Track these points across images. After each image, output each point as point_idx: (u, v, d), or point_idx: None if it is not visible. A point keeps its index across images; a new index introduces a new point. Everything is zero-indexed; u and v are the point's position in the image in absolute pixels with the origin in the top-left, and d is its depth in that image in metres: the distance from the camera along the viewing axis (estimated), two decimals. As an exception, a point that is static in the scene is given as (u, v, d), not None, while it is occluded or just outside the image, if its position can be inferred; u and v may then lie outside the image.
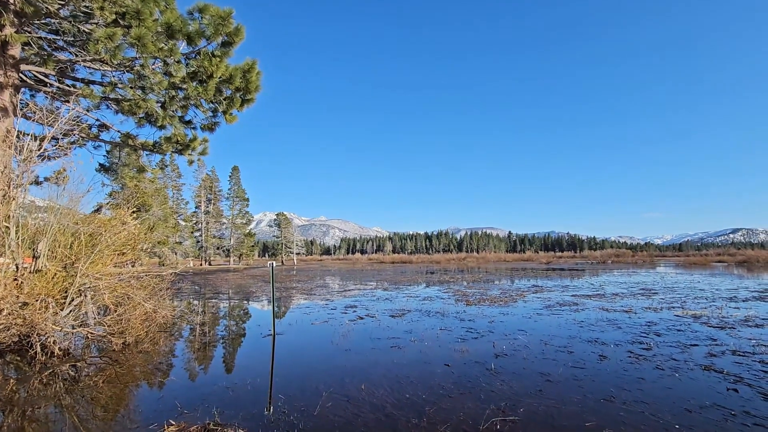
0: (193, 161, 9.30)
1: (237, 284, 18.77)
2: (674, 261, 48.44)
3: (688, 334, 6.12)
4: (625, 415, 3.16)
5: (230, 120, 8.49)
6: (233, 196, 54.65)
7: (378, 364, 4.75)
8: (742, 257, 38.85)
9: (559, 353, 5.12)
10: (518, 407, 3.34)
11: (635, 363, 4.63)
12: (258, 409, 3.40)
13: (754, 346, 5.31)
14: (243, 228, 54.75)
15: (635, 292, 12.33)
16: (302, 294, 13.47)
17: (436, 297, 11.72)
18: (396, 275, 24.38)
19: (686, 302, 9.80)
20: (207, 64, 7.09)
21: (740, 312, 8.15)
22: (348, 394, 3.71)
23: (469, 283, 17.28)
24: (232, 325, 7.95)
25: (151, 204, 28.87)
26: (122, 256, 6.99)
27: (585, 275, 22.16)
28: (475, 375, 4.26)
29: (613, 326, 6.84)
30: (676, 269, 28.44)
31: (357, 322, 7.63)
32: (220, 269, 39.92)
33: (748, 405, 3.35)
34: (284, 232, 65.84)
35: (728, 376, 4.12)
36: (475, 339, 6.01)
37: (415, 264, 51.53)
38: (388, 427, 3.01)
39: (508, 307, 9.27)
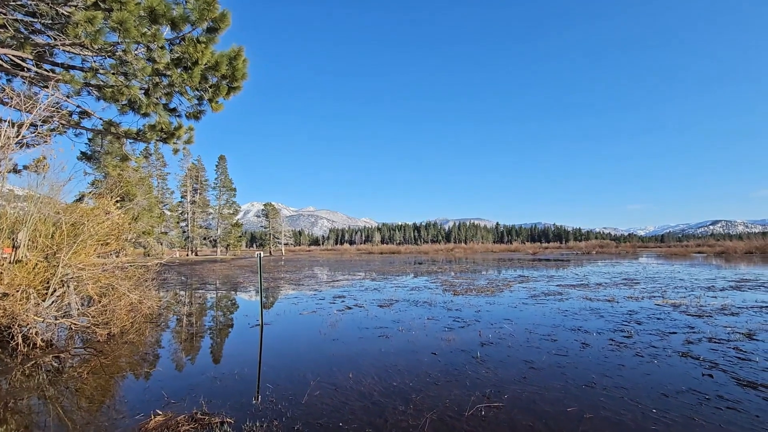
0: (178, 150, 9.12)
1: (224, 275, 18.64)
2: (656, 252, 49.61)
3: (668, 323, 6.31)
4: (605, 401, 3.26)
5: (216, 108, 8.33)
6: (220, 186, 53.92)
7: (366, 353, 4.79)
8: (720, 248, 39.97)
9: (543, 341, 5.23)
10: (503, 394, 3.42)
11: (616, 350, 4.76)
12: (246, 398, 3.42)
13: (729, 334, 5.50)
14: (230, 218, 54.16)
15: (618, 282, 12.62)
16: (290, 284, 13.45)
17: (424, 287, 11.82)
18: (384, 266, 24.48)
19: (666, 292, 10.08)
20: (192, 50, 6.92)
21: (717, 301, 8.41)
22: (336, 382, 3.75)
23: (457, 273, 17.45)
24: (219, 315, 7.92)
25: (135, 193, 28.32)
26: (106, 246, 6.87)
27: (570, 266, 22.56)
28: (461, 363, 4.33)
29: (596, 315, 7.00)
30: (657, 260, 29.15)
31: (345, 311, 7.67)
32: (207, 260, 39.53)
33: (722, 390, 3.48)
34: (272, 223, 65.34)
35: (704, 362, 4.27)
36: (462, 328, 6.10)
37: (404, 254, 51.77)
38: (376, 414, 3.05)
39: (495, 297, 9.41)
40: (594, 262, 26.92)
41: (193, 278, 16.97)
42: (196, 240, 50.77)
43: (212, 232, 52.94)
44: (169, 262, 32.64)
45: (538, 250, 60.21)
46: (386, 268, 22.22)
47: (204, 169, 53.21)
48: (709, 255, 35.66)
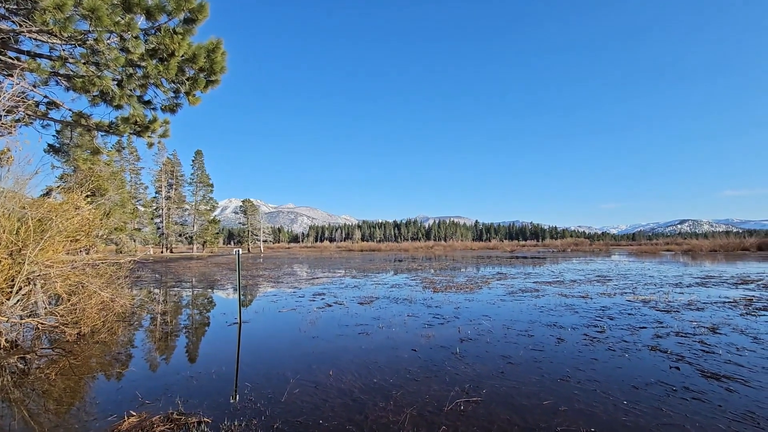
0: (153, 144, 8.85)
1: (200, 272, 18.24)
2: (627, 250, 51.34)
3: (638, 318, 6.54)
4: (579, 393, 3.36)
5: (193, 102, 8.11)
6: (196, 182, 52.64)
7: (346, 350, 4.79)
8: (687, 246, 41.72)
9: (520, 337, 5.34)
10: (481, 388, 3.48)
11: (589, 345, 4.91)
12: (223, 397, 3.36)
13: (694, 328, 5.75)
14: (207, 214, 52.98)
15: (591, 279, 13.00)
16: (269, 282, 13.28)
17: (404, 284, 11.89)
18: (364, 263, 24.47)
19: (637, 288, 10.45)
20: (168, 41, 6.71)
21: (684, 297, 8.78)
22: (316, 380, 3.73)
23: (437, 270, 17.61)
24: (195, 314, 7.75)
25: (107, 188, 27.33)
26: (75, 242, 6.61)
27: (546, 263, 23.10)
28: (440, 359, 4.38)
29: (571, 311, 7.20)
30: (629, 257, 30.17)
31: (325, 309, 7.63)
32: (183, 257, 38.59)
33: (688, 381, 3.64)
34: (250, 219, 64.29)
35: (671, 355, 4.46)
36: (442, 324, 6.17)
37: (384, 252, 51.87)
38: (356, 410, 3.05)
39: (474, 294, 9.54)
40: (569, 259, 27.65)
41: (168, 276, 16.54)
42: (171, 237, 49.48)
43: (188, 229, 51.68)
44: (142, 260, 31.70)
45: (516, 248, 61.39)
46: (366, 265, 22.22)
47: (180, 164, 51.86)
48: (677, 253, 37.14)
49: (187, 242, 53.66)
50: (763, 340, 5.03)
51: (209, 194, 53.62)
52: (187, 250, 55.39)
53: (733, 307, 7.37)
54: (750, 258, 25.50)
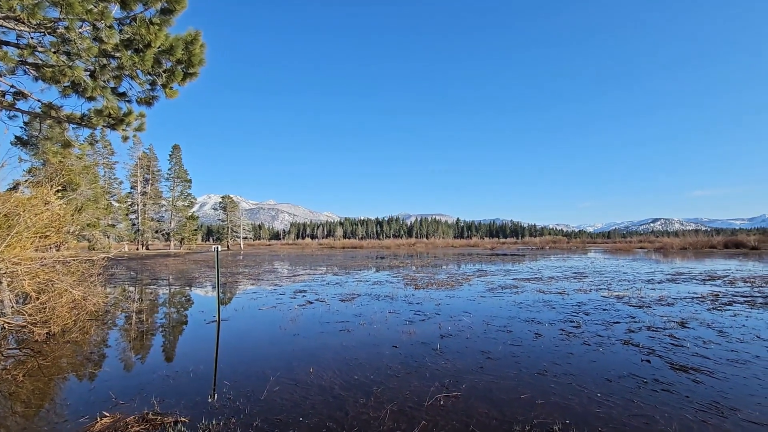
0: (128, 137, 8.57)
1: (178, 270, 17.84)
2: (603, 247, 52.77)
3: (612, 313, 6.75)
4: (555, 387, 3.44)
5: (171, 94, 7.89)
6: (174, 177, 51.33)
7: (327, 347, 4.77)
8: (659, 244, 43.27)
9: (499, 333, 5.44)
10: (461, 383, 3.53)
11: (566, 340, 5.04)
12: (201, 396, 3.30)
13: (665, 323, 5.97)
14: (185, 211, 51.75)
15: (568, 276, 13.32)
16: (249, 279, 13.09)
17: (386, 281, 11.92)
18: (346, 260, 24.41)
19: (611, 284, 10.77)
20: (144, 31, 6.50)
21: (655, 293, 9.10)
22: (296, 377, 3.71)
23: (418, 267, 17.72)
24: (172, 312, 7.58)
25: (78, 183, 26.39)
26: (45, 239, 6.37)
27: (525, 260, 23.54)
28: (421, 355, 4.42)
29: (548, 307, 7.36)
30: (604, 255, 31.02)
31: (306, 306, 7.58)
32: (159, 254, 37.66)
33: (658, 374, 3.78)
34: (230, 216, 63.13)
35: (643, 349, 4.62)
36: (423, 321, 6.21)
37: (366, 249, 51.84)
38: (336, 407, 3.05)
39: (454, 291, 9.65)
40: (547, 256, 28.24)
41: (143, 273, 16.12)
42: (147, 233, 48.15)
43: (165, 225, 50.39)
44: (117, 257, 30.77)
45: (496, 246, 62.31)
46: (348, 262, 22.17)
47: (156, 159, 50.45)
48: (649, 250, 38.42)
49: (164, 239, 52.36)
50: (728, 334, 5.26)
51: (187, 190, 52.39)
52: (164, 247, 54.04)
53: (701, 303, 7.68)
54: (717, 255, 26.60)
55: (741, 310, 6.91)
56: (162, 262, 23.74)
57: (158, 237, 51.19)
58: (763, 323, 5.87)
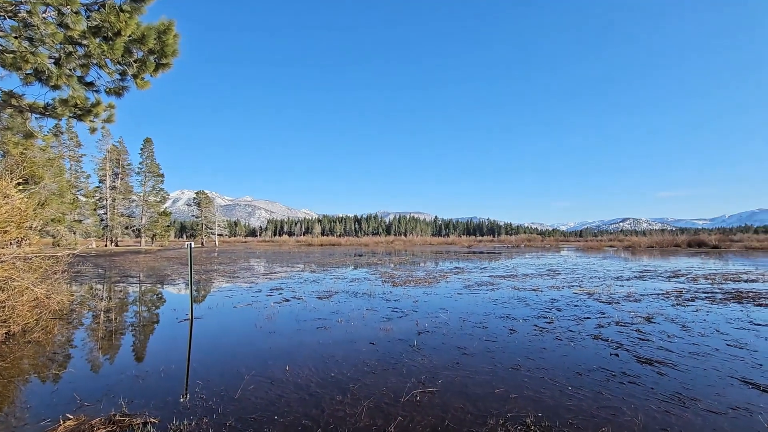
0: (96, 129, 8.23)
1: (149, 267, 17.29)
2: (575, 245, 54.35)
3: (583, 309, 6.96)
4: (528, 381, 3.52)
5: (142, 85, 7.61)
6: (145, 171, 49.65)
7: (303, 345, 4.73)
8: (628, 243, 44.95)
9: (475, 329, 5.52)
10: (437, 379, 3.56)
11: (539, 335, 5.17)
12: (173, 396, 3.21)
13: (632, 318, 6.20)
14: (157, 206, 50.18)
15: (542, 273, 13.66)
16: (224, 277, 12.83)
17: (364, 279, 11.91)
18: (324, 257, 24.25)
19: (583, 281, 11.10)
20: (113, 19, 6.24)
21: (624, 289, 9.44)
22: (272, 376, 3.66)
23: (396, 265, 17.79)
24: (143, 310, 7.34)
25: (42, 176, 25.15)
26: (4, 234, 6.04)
27: (501, 258, 23.98)
28: (398, 352, 4.43)
29: (523, 303, 7.52)
30: (576, 253, 31.97)
31: (283, 304, 7.49)
32: (129, 251, 36.42)
33: (625, 367, 3.92)
34: (205, 212, 61.61)
35: (612, 343, 4.78)
36: (400, 318, 6.24)
37: (344, 246, 51.65)
38: (312, 405, 3.03)
39: (432, 288, 9.74)
40: (522, 254, 28.87)
41: (112, 271, 15.54)
42: (116, 229, 46.42)
43: (136, 221, 48.73)
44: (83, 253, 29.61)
45: (473, 243, 63.23)
46: (326, 259, 22.03)
47: (127, 152, 48.67)
48: (619, 249, 39.84)
49: (135, 235, 50.67)
50: (690, 329, 5.51)
51: (159, 185, 50.81)
52: (135, 244, 52.33)
53: (666, 299, 8.02)
54: (681, 254, 27.84)
55: (702, 305, 7.25)
56: (132, 259, 22.97)
57: (128, 233, 49.46)
58: (722, 318, 6.18)
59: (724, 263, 18.30)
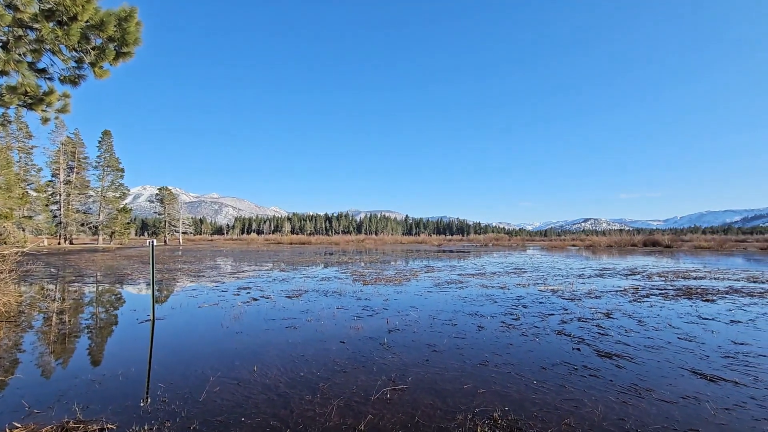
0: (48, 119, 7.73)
1: (107, 266, 16.46)
2: (540, 244, 56.19)
3: (548, 306, 7.21)
4: (495, 376, 3.61)
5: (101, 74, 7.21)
6: (104, 165, 47.16)
7: (272, 344, 4.63)
8: (589, 242, 47.00)
9: (444, 326, 5.60)
10: (407, 376, 3.58)
11: (506, 331, 5.30)
12: (132, 400, 3.07)
13: (593, 314, 6.48)
14: (116, 202, 47.78)
15: (509, 271, 14.04)
16: (189, 276, 12.39)
17: (334, 277, 11.82)
18: (294, 256, 23.90)
19: (547, 279, 11.50)
20: (69, 2, 5.88)
21: (585, 286, 9.85)
22: (238, 377, 3.56)
23: (367, 263, 17.78)
24: (100, 312, 6.97)
25: (-13, 168, 23.40)
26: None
27: (470, 256, 24.46)
28: (368, 350, 4.43)
29: (491, 301, 7.70)
30: (541, 252, 33.07)
31: (250, 303, 7.32)
32: (86, 249, 34.53)
33: (586, 360, 4.09)
34: (168, 209, 59.26)
35: (574, 338, 4.97)
36: (371, 316, 6.24)
37: (315, 245, 51.11)
38: (281, 405, 2.97)
39: (402, 286, 9.79)
40: (490, 253, 29.57)
41: (66, 270, 14.68)
42: (71, 226, 43.87)
43: (93, 218, 46.20)
44: (33, 251, 27.79)
45: (443, 242, 64.15)
46: (296, 258, 21.72)
47: (83, 145, 46.06)
48: (580, 248, 41.54)
49: (92, 233, 48.06)
50: (645, 323, 5.82)
51: (119, 180, 48.42)
52: (92, 242, 49.66)
53: (624, 295, 8.43)
54: (637, 253, 29.36)
55: (656, 301, 7.67)
56: (88, 258, 21.78)
57: (84, 230, 46.86)
58: (674, 313, 6.56)
59: (676, 262, 19.46)
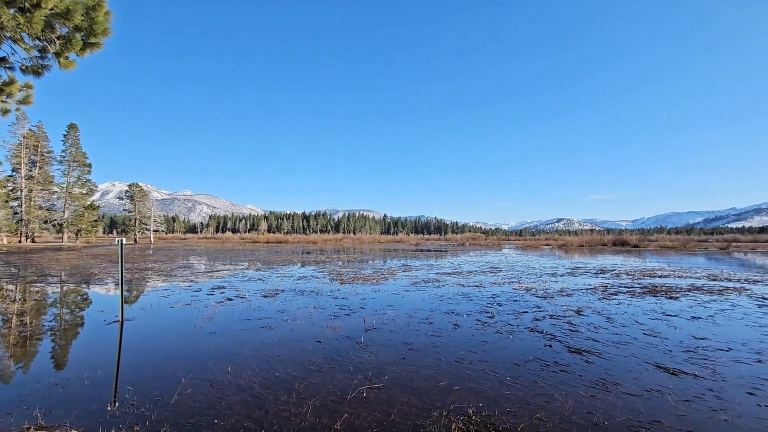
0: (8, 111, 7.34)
1: (73, 265, 15.78)
2: (515, 244, 57.41)
3: (522, 303, 7.37)
4: (470, 373, 3.66)
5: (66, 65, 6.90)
6: (69, 160, 45.14)
7: (246, 345, 4.56)
8: (562, 242, 48.37)
9: (421, 324, 5.64)
10: (383, 375, 3.59)
11: (481, 329, 5.39)
12: (98, 404, 2.96)
13: (564, 311, 6.67)
14: (82, 199, 45.81)
15: (485, 270, 14.29)
16: (161, 275, 12.03)
17: (311, 276, 11.73)
18: (270, 255, 23.57)
19: (522, 278, 11.76)
20: (32, -12, 5.60)
21: (558, 285, 10.14)
22: (211, 378, 3.49)
23: (345, 263, 17.71)
24: (65, 313, 6.68)
25: (-60, 162, 22.02)
26: None
27: (447, 255, 24.74)
28: (345, 349, 4.42)
29: (467, 299, 7.82)
30: (516, 251, 33.78)
31: (225, 303, 7.17)
32: (49, 247, 33.00)
33: (558, 356, 4.21)
34: (139, 206, 57.26)
35: (546, 335, 5.11)
36: (348, 315, 6.22)
37: (292, 244, 50.51)
38: (255, 406, 2.93)
39: (380, 285, 9.81)
40: (467, 252, 29.99)
41: (27, 269, 13.98)
42: (33, 223, 41.79)
43: (57, 215, 44.18)
44: (-8, 250, 26.35)
45: (421, 241, 64.61)
46: (272, 257, 21.42)
47: (47, 138, 43.97)
48: (554, 247, 42.67)
49: (56, 230, 45.96)
50: (614, 320, 6.03)
51: (86, 175, 46.46)
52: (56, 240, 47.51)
53: (594, 293, 8.72)
54: (607, 252, 30.41)
55: (624, 299, 7.97)
56: (52, 257, 20.82)
57: (48, 228, 44.77)
58: (640, 310, 6.83)
59: (643, 261, 20.26)
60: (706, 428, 2.67)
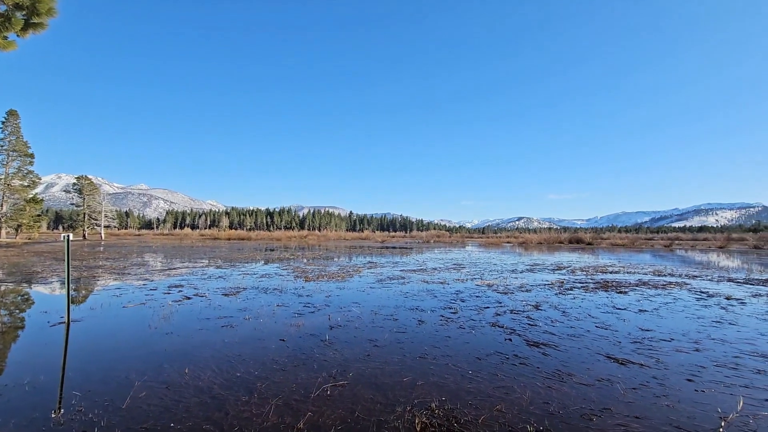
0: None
1: (12, 263, 14.61)
2: (478, 241, 58.90)
3: (484, 299, 7.58)
4: (434, 368, 3.72)
5: (5, 46, 6.36)
6: (8, 150, 41.59)
7: (206, 345, 4.40)
8: (522, 240, 50.16)
9: (386, 321, 5.67)
10: (348, 372, 3.58)
11: (445, 325, 5.50)
12: (41, 412, 2.75)
13: (523, 306, 6.92)
14: (23, 191, 42.38)
15: (449, 267, 14.56)
16: (112, 274, 11.37)
17: (275, 274, 11.50)
18: (232, 252, 22.87)
19: (484, 274, 12.09)
20: (-36, -41, 5.11)
21: (518, 281, 10.50)
22: (168, 380, 3.34)
23: (309, 260, 17.50)
24: (2, 314, 6.16)
25: None
26: None
27: (412, 253, 25.00)
28: (309, 347, 4.37)
29: (431, 295, 7.94)
30: (479, 248, 34.67)
31: (183, 302, 6.89)
32: (-15, 244, 30.35)
33: (517, 350, 4.37)
34: (88, 200, 53.77)
35: (506, 329, 5.28)
36: (312, 313, 6.15)
37: (255, 241, 49.26)
38: (215, 408, 2.83)
39: (345, 282, 9.77)
40: (432, 249, 30.45)
41: (-41, 268, 12.80)
42: (-34, 218, 38.29)
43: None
44: None
45: (387, 239, 64.93)
46: (234, 255, 20.80)
47: (-18, 126, 40.35)
48: (514, 245, 44.16)
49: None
50: (569, 314, 6.33)
51: (28, 166, 43.01)
52: (-7, 236, 43.73)
53: (551, 288, 9.11)
54: (564, 249, 31.85)
55: (579, 294, 8.38)
56: (-12, 254, 19.18)
57: (-17, 223, 41.11)
58: (593, 304, 7.21)
59: (596, 258, 21.39)
60: (651, 414, 2.86)
